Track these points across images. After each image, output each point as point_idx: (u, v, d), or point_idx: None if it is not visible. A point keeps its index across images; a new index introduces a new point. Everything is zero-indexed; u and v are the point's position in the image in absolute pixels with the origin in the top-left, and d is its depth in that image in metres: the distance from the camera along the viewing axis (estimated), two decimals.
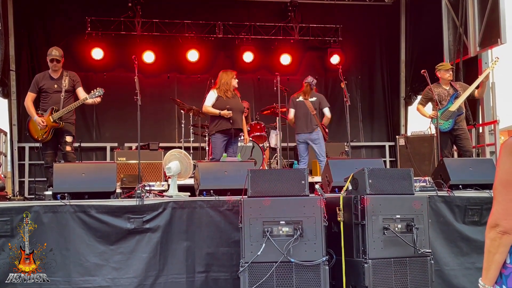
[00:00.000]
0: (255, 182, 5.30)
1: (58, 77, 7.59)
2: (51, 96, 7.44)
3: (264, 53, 11.93)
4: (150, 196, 6.21)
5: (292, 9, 11.81)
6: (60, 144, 7.54)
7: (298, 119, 8.91)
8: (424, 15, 11.26)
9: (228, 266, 5.65)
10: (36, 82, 7.51)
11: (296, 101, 8.96)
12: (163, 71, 11.64)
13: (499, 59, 8.19)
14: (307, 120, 8.87)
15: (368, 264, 4.96)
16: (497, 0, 8.64)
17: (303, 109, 8.90)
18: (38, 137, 7.46)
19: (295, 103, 8.96)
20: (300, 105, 8.93)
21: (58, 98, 7.44)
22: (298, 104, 8.94)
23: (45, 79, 7.47)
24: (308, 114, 8.87)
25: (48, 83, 7.45)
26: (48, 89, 7.42)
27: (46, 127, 7.39)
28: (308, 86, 9.06)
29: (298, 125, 8.92)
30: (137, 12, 11.08)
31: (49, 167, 7.24)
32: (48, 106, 7.45)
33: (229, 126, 7.87)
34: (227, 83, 8.07)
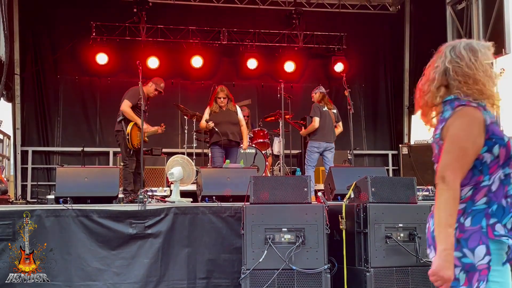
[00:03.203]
0: (257, 188, 5.30)
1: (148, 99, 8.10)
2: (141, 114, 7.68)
3: (268, 60, 11.94)
4: (152, 202, 6.21)
5: (296, 16, 11.82)
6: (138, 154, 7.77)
7: (322, 128, 8.82)
8: (428, 24, 11.26)
9: (229, 273, 5.65)
10: (138, 96, 7.73)
11: (322, 109, 8.93)
12: (167, 77, 11.59)
13: (504, 70, 8.17)
14: (330, 130, 8.89)
15: (370, 273, 4.95)
16: (502, 10, 8.64)
17: (328, 119, 8.90)
18: (135, 144, 7.73)
19: (322, 111, 8.91)
20: (326, 115, 8.91)
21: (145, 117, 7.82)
22: (324, 113, 8.90)
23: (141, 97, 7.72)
24: (331, 124, 8.90)
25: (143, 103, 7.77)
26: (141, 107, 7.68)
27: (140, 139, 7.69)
28: (326, 96, 9.10)
29: (321, 134, 8.83)
30: (142, 18, 11.11)
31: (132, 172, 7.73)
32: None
33: (219, 138, 8.09)
34: (215, 99, 8.35)
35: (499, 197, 2.44)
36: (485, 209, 2.42)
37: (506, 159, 2.45)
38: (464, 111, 2.44)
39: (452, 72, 2.51)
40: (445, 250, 2.32)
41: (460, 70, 2.50)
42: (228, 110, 8.34)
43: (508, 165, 2.47)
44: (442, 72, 2.54)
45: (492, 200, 2.44)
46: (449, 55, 2.54)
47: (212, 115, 8.31)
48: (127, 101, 7.84)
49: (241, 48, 11.78)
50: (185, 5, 11.75)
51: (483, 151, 2.43)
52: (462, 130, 2.42)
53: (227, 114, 8.32)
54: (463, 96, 2.49)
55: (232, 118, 8.34)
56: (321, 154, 8.90)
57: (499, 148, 2.43)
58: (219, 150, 8.23)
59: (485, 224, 2.40)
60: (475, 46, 2.54)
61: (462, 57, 2.51)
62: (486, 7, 9.10)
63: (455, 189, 2.38)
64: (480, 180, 2.44)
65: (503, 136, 2.46)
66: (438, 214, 2.38)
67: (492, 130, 2.44)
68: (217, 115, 8.28)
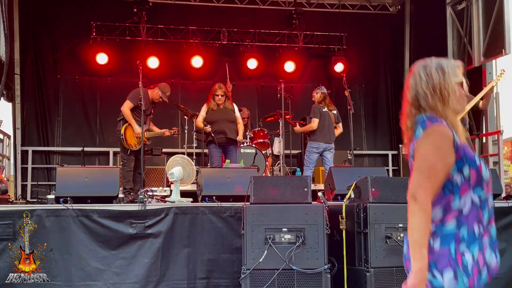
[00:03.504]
0: (257, 188, 5.30)
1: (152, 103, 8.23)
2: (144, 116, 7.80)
3: (268, 60, 11.93)
4: (152, 202, 6.21)
5: (296, 16, 11.82)
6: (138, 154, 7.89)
7: (321, 129, 8.83)
8: (428, 25, 11.26)
9: (229, 273, 5.65)
10: (138, 97, 7.81)
11: (322, 110, 8.93)
12: (167, 77, 11.61)
13: (505, 71, 8.17)
14: (330, 131, 8.89)
15: (370, 273, 4.95)
16: (502, 11, 8.64)
17: (327, 120, 8.90)
18: (132, 145, 7.90)
19: (321, 112, 8.91)
20: (325, 115, 8.92)
21: (147, 120, 8.01)
22: (324, 114, 8.91)
23: (145, 99, 7.85)
24: (331, 125, 8.91)
25: (147, 106, 7.94)
26: (144, 110, 7.80)
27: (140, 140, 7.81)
28: (327, 97, 9.11)
29: (321, 134, 8.83)
30: (142, 18, 11.10)
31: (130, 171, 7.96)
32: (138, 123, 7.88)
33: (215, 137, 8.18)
34: (212, 97, 8.40)
35: (470, 221, 2.42)
36: (455, 233, 2.40)
37: (477, 181, 2.44)
38: (434, 129, 2.44)
39: (423, 92, 2.53)
40: (420, 270, 2.31)
41: (431, 90, 2.51)
42: (225, 108, 8.38)
43: (481, 187, 2.45)
44: (414, 94, 2.57)
45: (462, 224, 2.42)
46: (420, 76, 2.56)
47: (209, 113, 8.36)
48: (128, 101, 7.90)
49: (241, 48, 11.78)
50: (185, 5, 11.75)
51: (453, 171, 2.42)
52: (432, 148, 2.41)
53: (225, 112, 8.35)
54: (434, 116, 2.49)
55: (230, 116, 8.38)
56: (320, 155, 8.90)
57: (470, 170, 2.42)
58: (216, 149, 8.27)
59: (454, 249, 2.38)
60: (444, 66, 2.56)
61: (432, 77, 2.53)
62: (486, 7, 9.11)
63: (426, 208, 2.36)
64: (451, 201, 2.43)
65: (475, 158, 2.45)
66: (412, 234, 2.36)
67: (463, 150, 2.43)
68: (215, 113, 8.33)
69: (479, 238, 2.43)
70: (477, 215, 2.44)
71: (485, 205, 2.47)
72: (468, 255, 2.38)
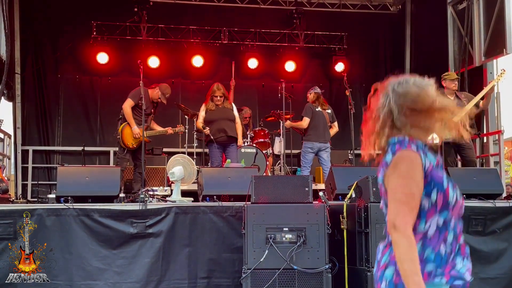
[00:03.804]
0: (258, 188, 5.30)
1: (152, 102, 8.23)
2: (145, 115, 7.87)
3: (268, 60, 11.93)
4: (153, 201, 6.21)
5: (297, 16, 11.80)
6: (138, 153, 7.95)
7: (315, 128, 8.85)
8: (429, 24, 11.25)
9: (230, 272, 5.65)
10: (139, 95, 7.85)
11: (315, 110, 8.93)
12: (168, 76, 11.62)
13: (505, 71, 8.16)
14: (324, 130, 8.89)
15: (371, 273, 4.94)
16: (503, 10, 8.63)
17: (321, 119, 8.91)
18: (129, 144, 7.91)
19: (314, 112, 8.91)
20: (319, 115, 8.92)
21: (148, 119, 8.04)
22: (317, 114, 8.92)
23: (146, 98, 7.91)
24: (326, 124, 8.91)
25: (147, 104, 7.97)
26: (145, 108, 7.86)
27: (138, 139, 7.84)
28: (321, 97, 9.11)
29: (315, 134, 8.85)
30: (142, 17, 11.09)
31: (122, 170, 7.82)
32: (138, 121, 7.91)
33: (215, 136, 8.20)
34: (211, 97, 8.40)
35: (435, 244, 2.42)
36: (420, 255, 2.39)
37: (443, 204, 2.42)
38: (403, 155, 2.40)
39: (396, 111, 2.45)
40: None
41: (405, 108, 2.44)
42: (224, 108, 8.38)
43: (447, 209, 2.44)
44: (387, 112, 2.47)
45: (427, 245, 2.41)
46: (393, 93, 2.48)
47: (208, 113, 8.37)
48: (129, 99, 7.94)
49: (242, 47, 11.77)
50: (186, 4, 11.73)
51: (422, 197, 2.39)
52: (404, 177, 2.37)
53: (223, 111, 8.36)
54: (407, 138, 2.44)
55: (229, 115, 8.39)
56: (316, 155, 8.90)
57: (437, 194, 2.40)
58: (216, 148, 8.29)
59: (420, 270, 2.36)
60: (418, 84, 2.49)
61: (406, 94, 2.46)
62: (487, 7, 9.10)
63: (409, 235, 2.33)
64: (417, 225, 2.41)
65: (442, 181, 2.43)
66: (401, 265, 2.32)
67: (431, 175, 2.41)
68: (213, 112, 8.34)
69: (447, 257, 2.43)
70: (443, 237, 2.43)
71: (449, 226, 2.45)
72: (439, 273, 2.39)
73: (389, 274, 2.43)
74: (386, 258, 2.47)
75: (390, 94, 2.49)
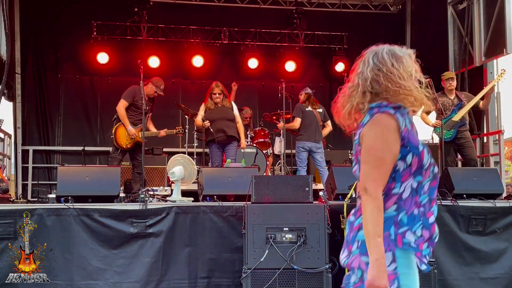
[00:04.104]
0: (259, 188, 5.30)
1: (149, 100, 8.09)
2: (140, 114, 7.79)
3: (269, 60, 11.93)
4: (153, 201, 6.21)
5: (297, 16, 11.80)
6: (135, 153, 7.97)
7: (306, 128, 8.85)
8: (429, 24, 11.26)
9: (230, 272, 5.64)
10: (133, 94, 7.86)
11: (305, 110, 8.94)
12: (168, 76, 11.62)
13: (505, 71, 8.16)
14: (316, 130, 8.88)
15: None
16: (503, 10, 8.63)
17: (312, 119, 8.90)
18: (123, 144, 7.87)
19: (304, 111, 8.92)
20: (310, 115, 8.92)
21: (145, 118, 7.85)
22: (308, 113, 8.92)
23: (140, 96, 7.74)
24: (317, 124, 8.90)
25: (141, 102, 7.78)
26: (140, 107, 7.76)
27: (134, 139, 7.83)
28: (312, 97, 9.10)
29: (306, 133, 8.85)
30: (143, 17, 11.09)
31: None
32: (134, 121, 7.90)
33: (213, 136, 8.17)
34: (210, 95, 8.36)
35: (409, 205, 2.48)
36: (394, 217, 2.46)
37: (418, 168, 2.49)
38: (378, 119, 2.46)
39: (375, 78, 2.53)
40: (377, 260, 2.34)
41: (382, 74, 2.52)
42: (223, 107, 8.34)
43: (420, 173, 2.50)
44: (365, 79, 2.56)
45: (401, 207, 2.47)
46: (372, 61, 2.57)
47: (207, 112, 8.33)
48: (122, 100, 7.93)
49: (242, 47, 11.78)
50: (186, 4, 11.74)
51: (398, 159, 2.46)
52: (378, 139, 2.43)
53: (223, 111, 8.32)
54: (386, 103, 2.50)
55: (228, 114, 8.33)
56: (310, 155, 8.89)
57: (413, 157, 2.46)
58: (216, 148, 8.27)
59: (394, 232, 2.44)
60: (397, 52, 2.58)
61: (384, 63, 2.54)
62: (487, 7, 9.11)
63: (377, 198, 2.39)
64: (392, 187, 2.48)
65: (418, 144, 2.49)
66: (366, 226, 2.39)
67: (407, 137, 2.47)
68: (212, 111, 8.30)
69: (422, 217, 2.49)
70: (415, 200, 2.49)
71: (420, 190, 2.51)
72: (410, 235, 2.44)
73: (362, 235, 2.47)
74: (360, 220, 2.51)
75: (368, 61, 2.60)
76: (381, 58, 2.55)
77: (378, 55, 2.58)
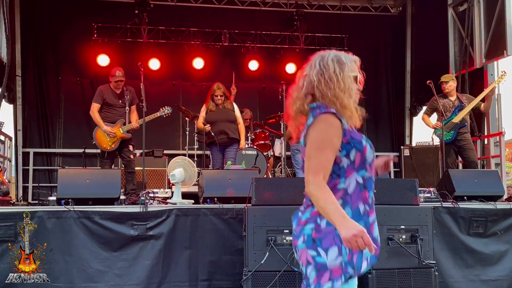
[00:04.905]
0: (259, 190, 5.29)
1: (120, 93, 7.92)
2: (116, 109, 7.83)
3: (269, 62, 11.93)
4: (154, 203, 6.20)
5: (298, 18, 11.81)
6: (122, 152, 7.89)
7: None
8: (430, 26, 11.25)
9: (231, 275, 5.63)
10: (101, 94, 7.84)
11: None
12: (169, 78, 11.66)
13: (506, 73, 8.17)
14: None
15: (372, 275, 4.94)
16: (504, 12, 8.63)
17: None
18: (106, 146, 7.80)
19: None
20: None
21: (123, 112, 7.84)
22: None
23: (107, 93, 7.82)
24: None
25: (111, 98, 7.84)
26: (112, 103, 7.80)
27: (115, 138, 7.75)
28: None
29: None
30: (143, 19, 11.10)
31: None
32: (113, 118, 7.83)
33: (213, 138, 8.20)
34: (211, 97, 8.35)
35: (355, 200, 2.54)
36: None
37: (361, 162, 2.55)
38: (322, 117, 2.54)
39: (317, 82, 2.61)
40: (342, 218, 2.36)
41: (324, 81, 2.60)
42: (224, 108, 8.33)
43: (364, 168, 2.57)
44: (309, 81, 2.65)
45: (347, 203, 2.53)
46: (317, 66, 2.65)
47: (208, 114, 8.32)
48: (93, 103, 7.91)
49: (243, 49, 11.78)
50: (186, 6, 11.75)
51: (342, 155, 2.53)
52: (319, 134, 2.51)
53: (224, 112, 8.31)
54: (324, 105, 2.58)
55: (229, 116, 8.33)
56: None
57: (356, 153, 2.53)
58: (217, 150, 8.27)
59: None
60: (342, 59, 2.64)
61: (327, 68, 2.61)
62: (487, 8, 9.11)
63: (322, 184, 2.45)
64: (337, 183, 2.55)
65: (361, 140, 2.57)
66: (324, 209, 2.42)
67: (350, 134, 2.54)
68: (213, 113, 8.29)
69: (364, 215, 2.57)
70: (362, 195, 2.56)
71: (369, 185, 2.60)
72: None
73: (308, 230, 2.53)
74: (307, 215, 2.59)
75: (314, 65, 2.68)
76: (325, 63, 2.63)
77: (324, 59, 2.66)
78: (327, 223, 2.48)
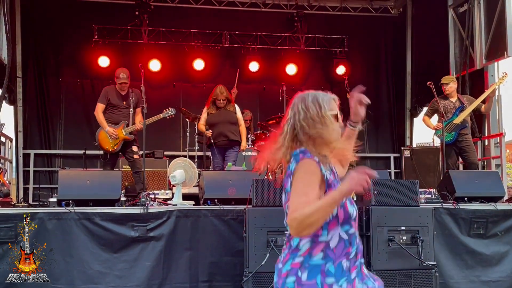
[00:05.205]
0: (259, 191, 5.29)
1: (125, 94, 7.91)
2: (120, 110, 7.83)
3: (269, 63, 11.92)
4: (154, 205, 6.21)
5: (298, 19, 11.80)
6: (126, 153, 7.87)
7: None
8: (430, 27, 11.25)
9: (231, 276, 5.64)
10: (106, 94, 7.85)
11: None
12: (169, 80, 11.66)
13: (507, 74, 8.16)
14: None
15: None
16: (504, 13, 8.62)
17: None
18: (109, 148, 7.78)
19: None
20: None
21: (127, 113, 7.82)
22: None
23: (112, 94, 7.82)
24: None
25: (115, 99, 7.83)
26: (116, 104, 7.80)
27: (118, 139, 7.72)
28: None
29: None
30: (144, 21, 11.10)
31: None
32: (116, 119, 7.81)
33: (217, 139, 8.19)
34: (213, 101, 8.31)
35: (339, 256, 2.47)
36: (322, 265, 2.45)
37: (345, 219, 2.48)
38: (303, 162, 2.48)
39: (299, 126, 2.56)
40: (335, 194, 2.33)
41: (306, 124, 2.55)
42: (225, 110, 8.32)
43: (349, 223, 2.50)
44: (291, 126, 2.59)
45: (329, 257, 2.46)
46: (298, 108, 2.59)
47: (209, 116, 8.31)
48: (98, 104, 7.89)
49: (243, 51, 11.78)
50: (187, 8, 11.74)
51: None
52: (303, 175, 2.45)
53: (225, 114, 8.30)
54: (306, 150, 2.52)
55: (231, 118, 8.32)
56: None
57: (337, 208, 2.45)
58: (217, 151, 8.27)
59: (320, 282, 2.42)
60: (320, 100, 2.58)
61: (308, 110, 2.56)
62: (488, 9, 9.10)
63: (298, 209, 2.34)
64: (319, 234, 2.47)
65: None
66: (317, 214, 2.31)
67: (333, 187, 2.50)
68: (215, 115, 8.28)
69: (347, 272, 2.47)
70: (345, 250, 2.48)
71: (353, 241, 2.51)
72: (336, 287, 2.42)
73: (290, 283, 2.46)
74: (287, 267, 2.51)
75: (295, 108, 2.61)
76: (306, 106, 2.58)
77: (304, 102, 2.60)
78: (308, 276, 2.43)
